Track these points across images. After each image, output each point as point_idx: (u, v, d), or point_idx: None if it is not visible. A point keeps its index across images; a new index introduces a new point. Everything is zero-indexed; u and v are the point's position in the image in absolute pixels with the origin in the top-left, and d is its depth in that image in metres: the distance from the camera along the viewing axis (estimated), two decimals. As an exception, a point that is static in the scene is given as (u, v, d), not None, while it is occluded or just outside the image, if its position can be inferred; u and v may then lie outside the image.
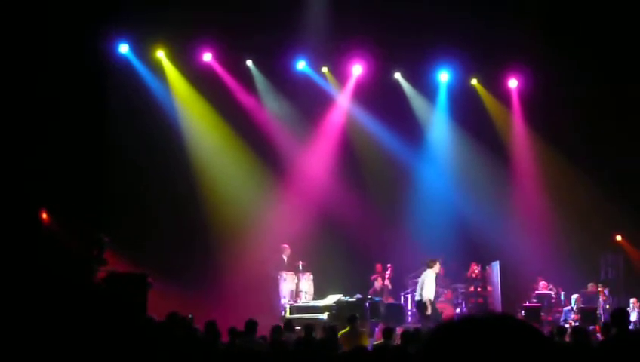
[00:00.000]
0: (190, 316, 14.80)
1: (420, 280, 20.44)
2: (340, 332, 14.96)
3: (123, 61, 22.54)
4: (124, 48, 22.52)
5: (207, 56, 23.12)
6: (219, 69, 23.31)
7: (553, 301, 22.29)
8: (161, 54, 22.84)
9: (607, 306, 22.06)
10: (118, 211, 21.74)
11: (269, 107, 23.75)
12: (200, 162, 23.09)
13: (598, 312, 21.12)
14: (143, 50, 22.74)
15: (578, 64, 22.79)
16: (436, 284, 22.37)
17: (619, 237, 24.53)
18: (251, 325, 13.49)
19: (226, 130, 23.30)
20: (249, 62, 23.67)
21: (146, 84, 22.71)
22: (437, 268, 20.39)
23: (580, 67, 22.82)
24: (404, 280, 22.92)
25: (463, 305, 22.47)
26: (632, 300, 21.38)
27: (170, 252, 21.71)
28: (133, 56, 22.68)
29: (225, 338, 13.55)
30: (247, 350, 10.90)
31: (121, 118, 22.02)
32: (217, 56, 23.22)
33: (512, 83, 24.70)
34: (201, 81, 23.09)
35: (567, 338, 13.83)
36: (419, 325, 19.47)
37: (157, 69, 22.90)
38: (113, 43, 22.33)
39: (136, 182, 22.18)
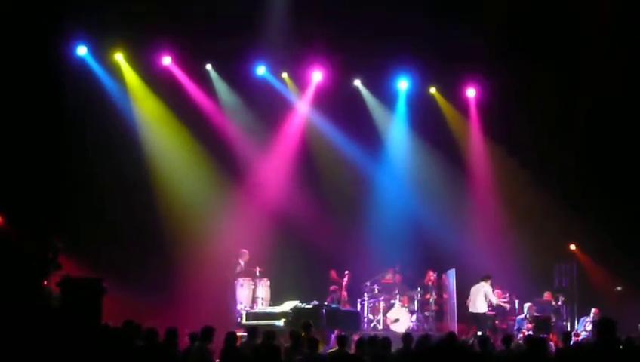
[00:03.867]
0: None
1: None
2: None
3: (81, 63, 22.32)
4: (82, 50, 22.31)
5: (167, 60, 22.98)
6: (178, 72, 23.18)
7: (508, 309, 22.44)
8: (119, 57, 22.65)
9: (562, 315, 22.36)
10: (73, 215, 21.53)
11: (228, 112, 23.65)
12: (158, 166, 22.93)
13: (551, 321, 21.31)
14: (101, 52, 22.54)
15: (535, 74, 22.98)
16: (394, 291, 22.58)
17: (573, 247, 24.77)
18: (208, 332, 13.43)
19: (184, 134, 23.17)
20: (208, 67, 23.58)
21: (103, 86, 22.51)
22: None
23: (537, 77, 23.01)
24: (361, 287, 22.96)
25: (419, 313, 22.53)
26: (593, 310, 21.59)
27: (126, 256, 21.55)
28: (91, 59, 22.47)
29: (183, 344, 13.49)
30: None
31: (78, 120, 21.86)
32: (176, 60, 23.10)
33: (470, 92, 24.85)
34: (160, 84, 22.94)
35: (517, 347, 13.93)
36: (374, 332, 19.53)
37: (115, 72, 22.71)
38: (71, 45, 22.11)
39: (93, 186, 22.00)
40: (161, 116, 23.11)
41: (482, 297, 21.60)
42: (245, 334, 16.22)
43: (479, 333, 19.39)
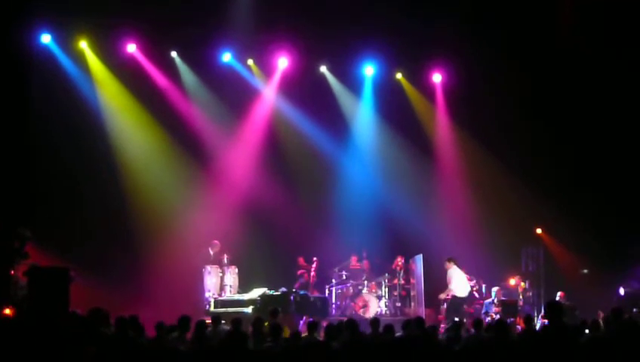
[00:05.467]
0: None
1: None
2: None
3: (45, 51, 22.11)
4: (46, 38, 22.10)
5: (131, 47, 22.82)
6: (143, 60, 23.02)
7: (475, 293, 22.58)
8: (84, 45, 22.45)
9: (529, 299, 22.55)
10: (40, 204, 21.38)
11: (194, 99, 23.55)
12: (125, 155, 22.81)
13: (518, 305, 21.47)
14: (65, 40, 22.32)
15: (501, 58, 23.07)
16: (362, 277, 22.66)
17: (539, 230, 24.95)
18: (185, 322, 13.37)
19: (150, 122, 23.05)
20: (174, 54, 23.44)
21: (68, 75, 22.32)
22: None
23: (503, 61, 23.10)
24: (330, 273, 23.02)
25: (387, 298, 22.62)
26: (558, 293, 21.77)
27: (94, 246, 21.45)
28: (55, 47, 22.26)
29: (150, 333, 13.45)
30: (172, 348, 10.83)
31: (44, 109, 21.66)
32: (141, 47, 22.92)
33: (436, 77, 24.92)
34: (125, 72, 22.78)
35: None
36: (343, 318, 19.59)
37: (80, 60, 22.52)
38: (35, 33, 21.88)
39: (60, 175, 21.86)
40: (127, 104, 22.96)
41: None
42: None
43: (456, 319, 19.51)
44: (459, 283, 21.70)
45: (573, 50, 22.54)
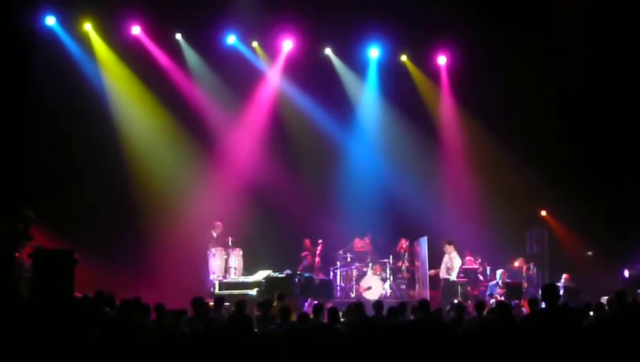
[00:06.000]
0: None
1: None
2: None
3: (50, 34, 22.07)
4: (50, 20, 22.05)
5: (136, 30, 22.76)
6: (148, 42, 22.96)
7: (479, 275, 22.60)
8: (88, 27, 22.39)
9: (534, 281, 22.55)
10: (44, 186, 21.38)
11: (199, 81, 23.52)
12: (129, 136, 22.78)
13: (523, 287, 21.48)
14: (70, 22, 22.26)
15: (506, 40, 23.01)
16: (366, 260, 22.68)
17: (544, 213, 24.96)
18: (199, 303, 13.40)
19: (155, 104, 23.01)
20: (178, 36, 23.38)
21: (73, 57, 22.27)
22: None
23: (509, 44, 23.05)
24: (334, 255, 23.04)
25: (392, 280, 22.65)
26: (563, 276, 21.79)
27: (98, 227, 21.50)
28: (60, 29, 22.21)
29: (153, 315, 13.48)
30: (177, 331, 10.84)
31: (48, 91, 21.61)
32: (146, 30, 22.85)
33: (441, 60, 24.86)
34: (130, 54, 22.72)
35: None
36: (347, 301, 19.66)
37: (85, 42, 22.47)
38: (40, 15, 21.84)
39: (64, 157, 21.85)
40: (132, 86, 22.91)
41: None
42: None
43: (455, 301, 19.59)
44: (458, 267, 21.79)
45: (585, 32, 22.41)
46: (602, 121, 23.49)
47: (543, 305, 10.81)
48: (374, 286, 22.17)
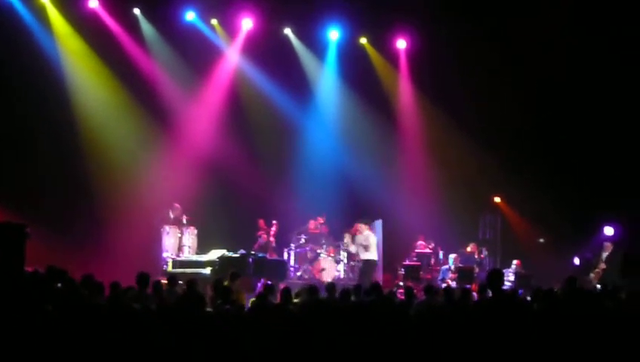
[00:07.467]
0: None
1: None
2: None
3: (6, 6, 21.72)
4: (6, -8, 21.77)
5: (94, 2, 22.50)
6: (105, 16, 22.72)
7: (432, 260, 22.74)
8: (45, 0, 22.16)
9: (486, 266, 22.74)
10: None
11: (157, 57, 23.33)
12: (85, 111, 22.56)
13: (474, 272, 21.66)
14: (26, -6, 22.02)
15: (466, 25, 23.03)
16: (320, 241, 22.70)
17: (498, 199, 25.15)
18: (143, 278, 13.37)
19: (111, 79, 22.79)
20: (137, 11, 23.18)
21: (29, 30, 21.96)
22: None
23: (468, 28, 23.08)
24: (288, 236, 23.04)
25: (345, 262, 22.71)
26: (515, 262, 21.99)
27: (52, 203, 21.32)
28: (17, 2, 21.87)
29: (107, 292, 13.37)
30: (130, 307, 10.76)
31: (3, 64, 21.33)
32: (104, 3, 22.62)
33: (401, 43, 24.87)
34: (87, 28, 22.47)
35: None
36: (301, 282, 19.71)
37: (41, 16, 22.16)
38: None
39: (17, 131, 21.60)
40: (88, 61, 22.66)
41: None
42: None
43: (401, 284, 19.76)
44: (375, 244, 21.74)
45: (540, 17, 22.48)
46: (560, 109, 23.64)
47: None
48: (328, 268, 22.24)
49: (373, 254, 21.37)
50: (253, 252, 20.73)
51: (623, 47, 21.85)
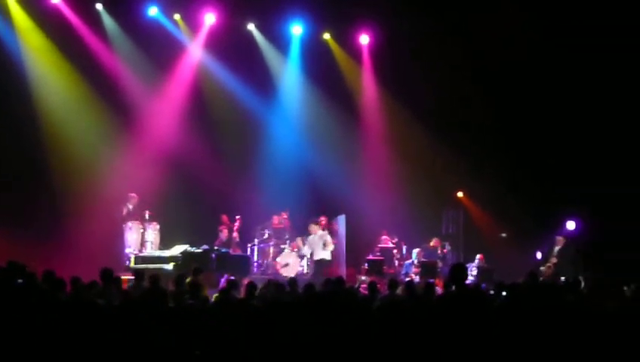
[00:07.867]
0: None
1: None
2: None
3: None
4: (-34, -14, 21.55)
5: (56, -2, 22.39)
6: (67, 11, 22.55)
7: (396, 254, 22.83)
8: (6, -6, 21.98)
9: (448, 260, 22.87)
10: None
11: (119, 52, 23.19)
12: (46, 106, 22.36)
13: (438, 266, 21.79)
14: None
15: (428, 20, 23.09)
16: (284, 237, 22.71)
17: (460, 194, 25.30)
18: (107, 274, 13.34)
19: (73, 74, 22.63)
20: (99, 6, 23.03)
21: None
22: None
23: (431, 24, 23.15)
24: (252, 232, 23.02)
25: (309, 257, 22.71)
26: (477, 256, 22.15)
27: (13, 197, 21.12)
28: (-23, -5, 21.73)
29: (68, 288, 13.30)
30: (93, 302, 10.72)
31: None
32: (66, -2, 22.52)
33: (364, 39, 24.91)
34: (49, 23, 22.28)
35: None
36: (264, 277, 19.71)
37: (2, 9, 21.96)
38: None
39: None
40: (51, 56, 22.48)
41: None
42: (133, 278, 16.10)
43: (364, 278, 19.82)
44: (330, 245, 21.71)
45: (504, 12, 22.59)
46: (521, 104, 23.78)
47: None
48: (291, 263, 22.23)
49: (327, 253, 21.44)
50: (215, 247, 20.70)
51: (583, 42, 21.99)
